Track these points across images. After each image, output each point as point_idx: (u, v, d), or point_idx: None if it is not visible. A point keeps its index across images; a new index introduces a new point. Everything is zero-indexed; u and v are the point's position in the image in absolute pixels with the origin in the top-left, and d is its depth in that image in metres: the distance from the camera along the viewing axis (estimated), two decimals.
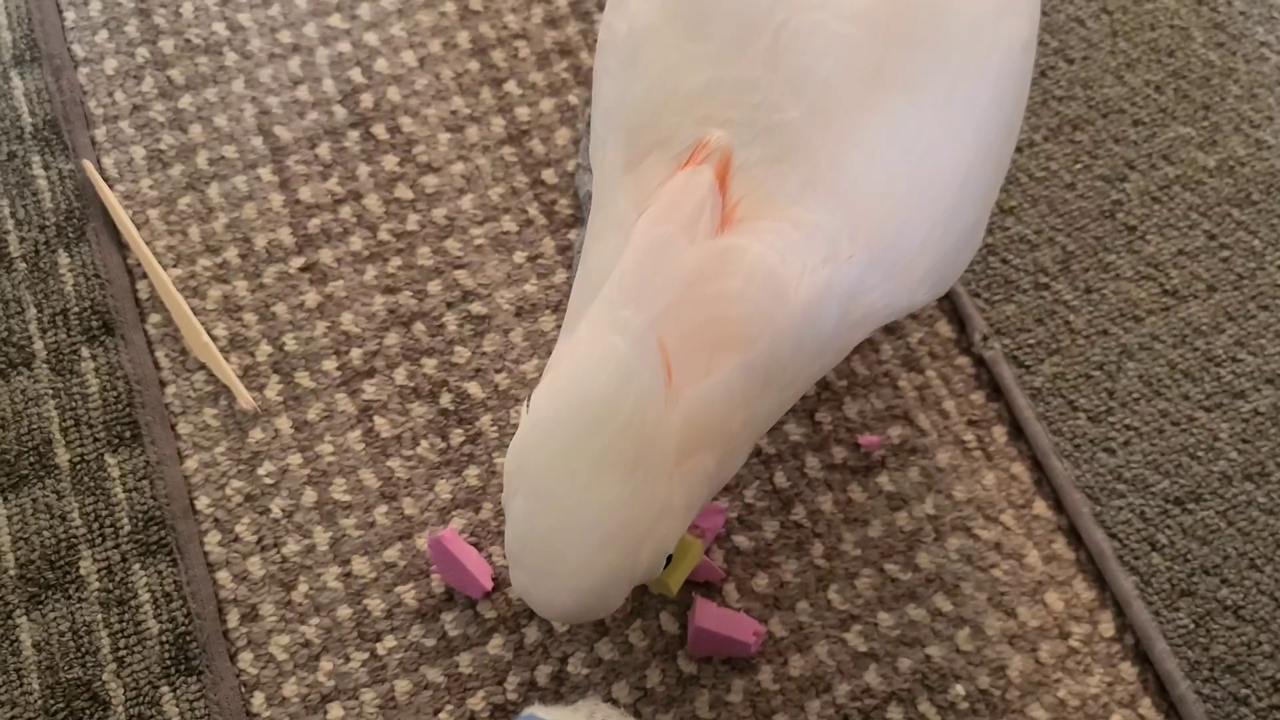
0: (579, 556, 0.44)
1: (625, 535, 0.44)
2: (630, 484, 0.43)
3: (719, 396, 0.44)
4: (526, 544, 0.45)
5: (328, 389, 0.64)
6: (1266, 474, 0.61)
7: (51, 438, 0.63)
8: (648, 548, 0.45)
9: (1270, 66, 0.71)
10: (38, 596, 0.60)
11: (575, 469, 0.44)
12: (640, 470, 0.43)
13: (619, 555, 0.44)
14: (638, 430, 0.43)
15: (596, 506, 0.44)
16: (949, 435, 0.62)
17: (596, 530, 0.44)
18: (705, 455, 0.45)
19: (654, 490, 0.44)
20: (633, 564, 0.45)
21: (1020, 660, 0.57)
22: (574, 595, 0.45)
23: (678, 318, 0.44)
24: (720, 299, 0.44)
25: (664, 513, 0.44)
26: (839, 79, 0.47)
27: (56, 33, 0.73)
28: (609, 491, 0.43)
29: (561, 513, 0.44)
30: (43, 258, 0.67)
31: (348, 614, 0.59)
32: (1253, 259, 0.66)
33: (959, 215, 0.50)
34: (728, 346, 0.44)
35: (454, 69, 0.72)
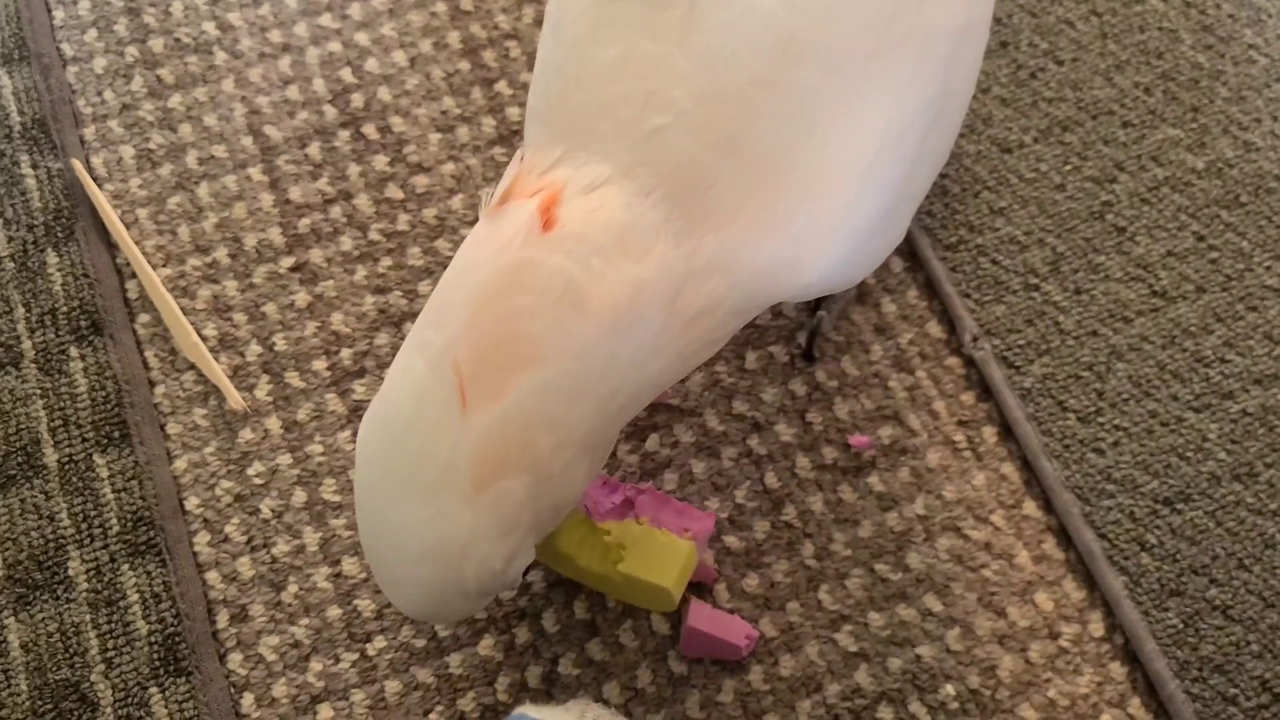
0: (399, 570, 0.45)
1: (438, 553, 0.44)
2: (432, 506, 0.43)
3: (512, 421, 0.43)
4: (366, 549, 0.47)
5: (318, 389, 0.63)
6: (1255, 474, 0.61)
7: (40, 438, 0.63)
8: (469, 566, 0.44)
9: (1258, 69, 0.71)
10: (26, 597, 0.59)
11: (383, 489, 0.44)
12: (440, 493, 0.43)
13: (437, 570, 0.44)
14: (434, 454, 0.43)
15: (402, 527, 0.44)
16: (939, 436, 0.62)
17: (408, 548, 0.44)
18: (510, 481, 0.44)
19: (457, 514, 0.43)
20: (457, 578, 0.45)
21: (1010, 660, 0.57)
22: (409, 603, 0.46)
23: (472, 338, 0.44)
24: (513, 317, 0.44)
25: (474, 536, 0.44)
26: (745, 55, 0.47)
27: (45, 31, 0.73)
28: (412, 512, 0.44)
29: (377, 529, 0.45)
30: (31, 257, 0.67)
31: (338, 614, 0.59)
32: (1241, 260, 0.66)
33: (865, 199, 0.49)
34: (522, 367, 0.43)
35: (445, 69, 0.72)
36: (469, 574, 0.45)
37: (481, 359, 0.43)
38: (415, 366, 0.44)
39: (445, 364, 0.43)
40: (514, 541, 0.45)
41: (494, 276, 0.44)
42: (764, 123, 0.47)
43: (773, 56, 0.47)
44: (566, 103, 0.48)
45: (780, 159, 0.47)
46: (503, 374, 0.43)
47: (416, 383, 0.44)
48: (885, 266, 0.66)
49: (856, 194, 0.48)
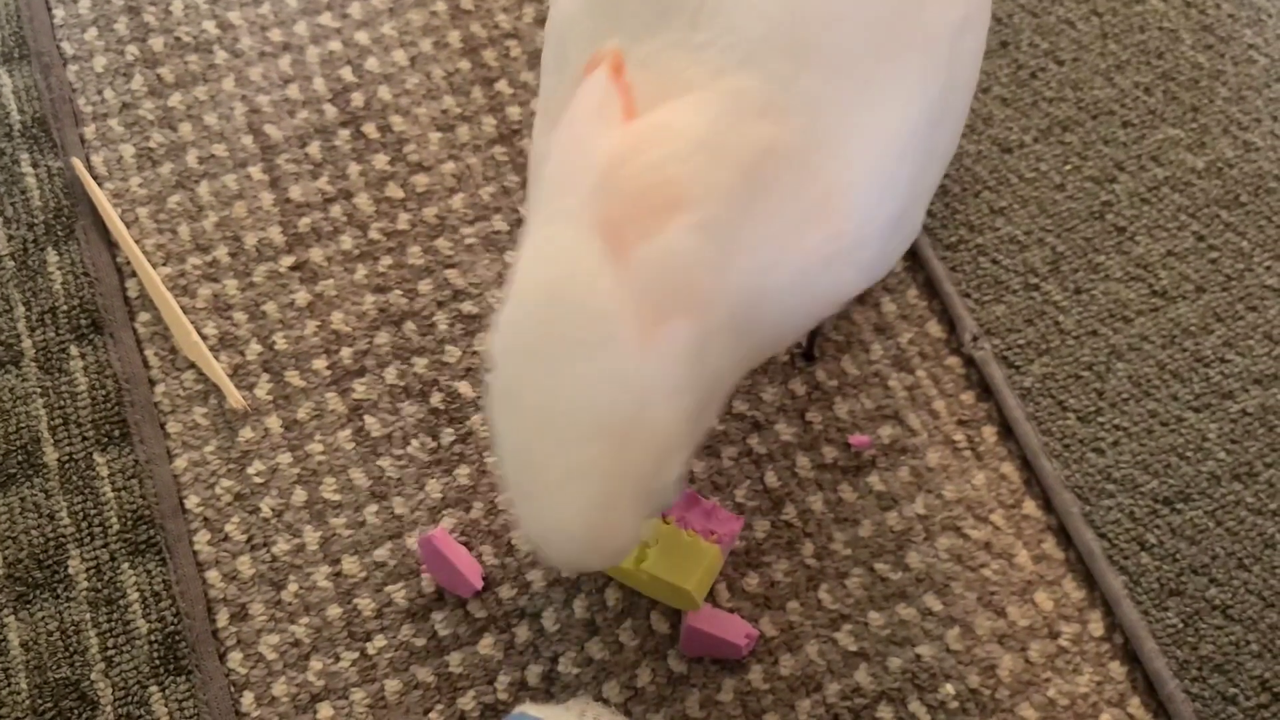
0: (569, 457, 0.42)
1: (610, 420, 0.41)
2: (600, 362, 0.41)
3: (675, 251, 0.42)
4: (517, 464, 0.43)
5: (318, 388, 0.63)
6: (1255, 474, 0.61)
7: (40, 436, 0.63)
8: (640, 438, 0.41)
9: (1258, 69, 0.71)
10: (26, 596, 0.59)
11: (541, 364, 0.42)
12: (607, 348, 0.41)
13: (610, 445, 0.41)
14: (593, 307, 0.41)
15: (571, 395, 0.41)
16: (939, 435, 0.62)
17: (577, 423, 0.41)
18: (678, 324, 0.42)
19: (628, 367, 0.41)
20: (628, 458, 0.42)
21: (1010, 659, 0.57)
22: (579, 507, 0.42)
23: (613, 191, 0.42)
24: (654, 166, 0.42)
25: (649, 390, 0.42)
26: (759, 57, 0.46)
27: (45, 30, 0.73)
28: (579, 373, 0.41)
29: (540, 416, 0.42)
30: (31, 256, 0.67)
31: (338, 613, 0.59)
32: (1241, 260, 0.66)
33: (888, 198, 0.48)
34: (673, 208, 0.42)
35: (445, 68, 0.72)
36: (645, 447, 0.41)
37: (629, 205, 0.42)
38: (552, 233, 0.42)
39: (584, 219, 0.42)
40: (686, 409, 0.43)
41: (623, 133, 0.43)
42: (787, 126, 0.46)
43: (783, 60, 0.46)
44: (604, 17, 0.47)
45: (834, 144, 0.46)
46: (654, 216, 0.42)
47: (563, 244, 0.42)
48: None
49: (877, 196, 0.48)
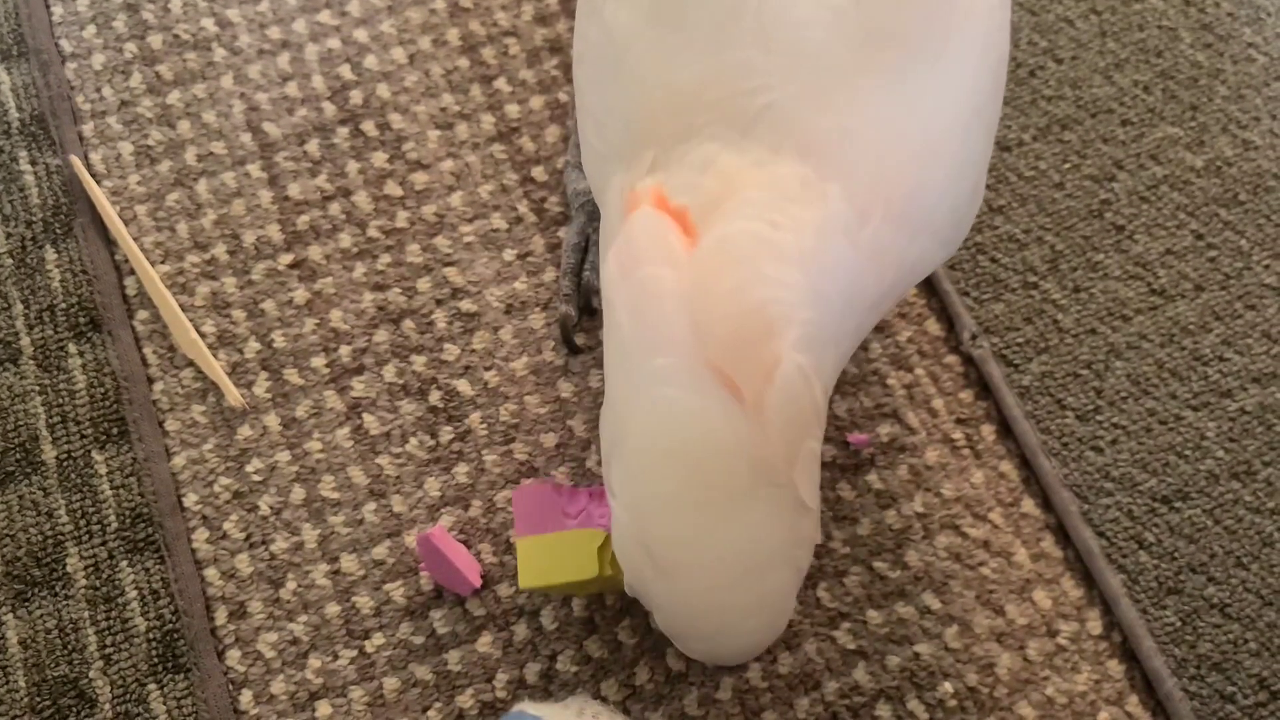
0: (748, 597, 0.43)
1: (781, 548, 0.43)
2: (764, 504, 0.42)
3: (793, 383, 0.41)
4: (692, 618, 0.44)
5: (316, 386, 0.63)
6: (1253, 472, 0.61)
7: (38, 434, 0.63)
8: (801, 551, 0.43)
9: (1257, 67, 0.71)
10: (24, 594, 0.59)
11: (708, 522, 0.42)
12: (767, 489, 0.42)
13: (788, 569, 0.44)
14: (743, 461, 0.41)
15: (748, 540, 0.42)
16: (938, 433, 0.62)
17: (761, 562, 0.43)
18: (810, 441, 0.43)
19: (785, 498, 0.42)
20: (796, 571, 0.44)
21: (1008, 658, 0.57)
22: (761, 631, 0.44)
23: (708, 334, 0.41)
24: (735, 294, 0.42)
25: (801, 512, 0.43)
26: (831, 46, 0.46)
27: (44, 27, 0.73)
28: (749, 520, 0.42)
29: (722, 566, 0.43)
30: (29, 253, 0.67)
31: (336, 611, 0.59)
32: (1240, 259, 0.66)
33: (966, 171, 0.49)
34: (774, 331, 0.41)
35: (444, 66, 0.71)
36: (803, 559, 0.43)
37: (732, 346, 0.41)
38: (666, 395, 0.41)
39: (699, 373, 0.41)
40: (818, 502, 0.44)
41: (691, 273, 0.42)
42: (874, 106, 0.46)
43: (856, 45, 0.46)
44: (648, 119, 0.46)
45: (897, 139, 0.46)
46: (760, 346, 0.41)
47: (686, 406, 0.41)
48: None
49: (959, 168, 0.48)
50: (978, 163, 0.50)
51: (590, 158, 0.51)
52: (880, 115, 0.46)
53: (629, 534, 0.43)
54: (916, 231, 0.47)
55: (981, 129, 0.50)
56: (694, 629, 0.44)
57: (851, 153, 0.45)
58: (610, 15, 0.49)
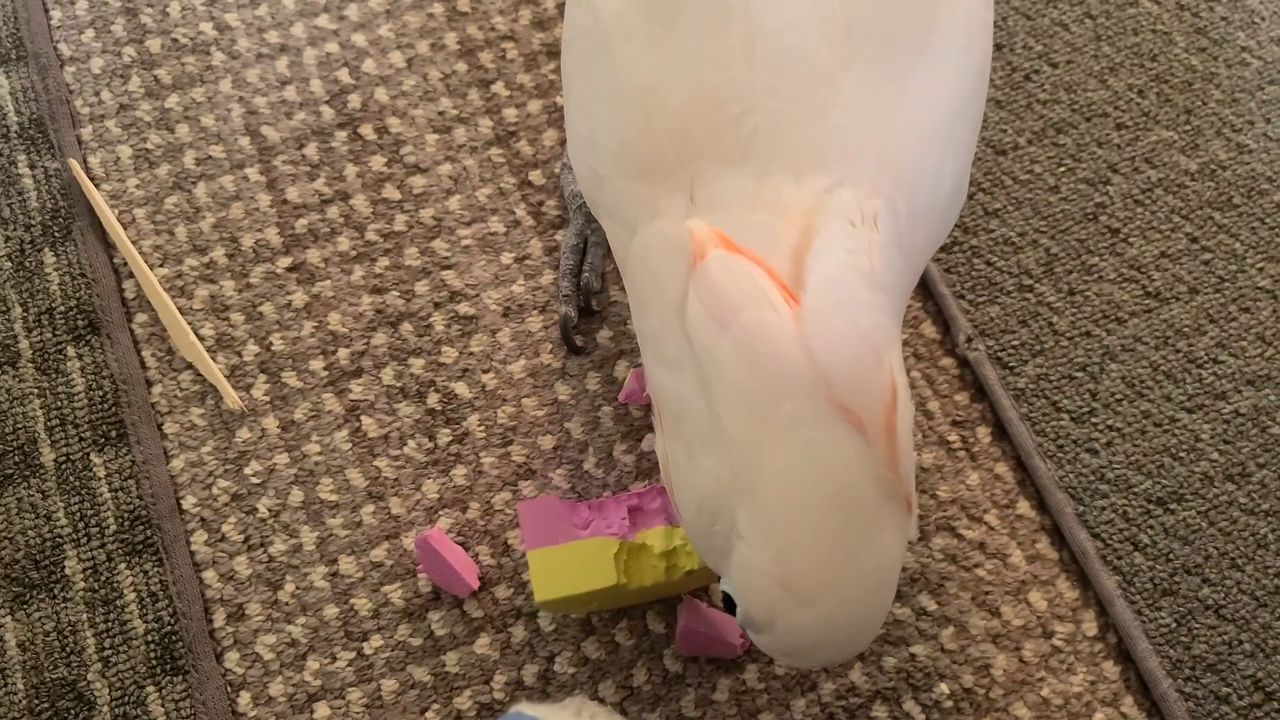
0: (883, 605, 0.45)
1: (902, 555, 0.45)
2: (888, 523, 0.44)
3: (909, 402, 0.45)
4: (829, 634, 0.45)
5: (315, 389, 0.64)
6: (1247, 474, 0.61)
7: (37, 437, 0.63)
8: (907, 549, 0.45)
9: (1251, 71, 0.71)
10: (23, 596, 0.59)
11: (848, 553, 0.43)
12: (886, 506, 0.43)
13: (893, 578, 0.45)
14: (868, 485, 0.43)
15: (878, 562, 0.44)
16: (933, 435, 0.62)
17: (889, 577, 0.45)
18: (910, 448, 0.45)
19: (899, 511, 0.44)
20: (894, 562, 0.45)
21: (1004, 659, 0.58)
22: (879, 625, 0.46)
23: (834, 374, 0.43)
24: (850, 331, 0.43)
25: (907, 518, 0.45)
26: (814, 47, 0.47)
27: (43, 31, 0.73)
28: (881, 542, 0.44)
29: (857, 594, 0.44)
30: (28, 257, 0.67)
31: (334, 613, 0.59)
32: (1234, 261, 0.66)
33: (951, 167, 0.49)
34: (883, 354, 0.44)
35: (442, 70, 0.72)
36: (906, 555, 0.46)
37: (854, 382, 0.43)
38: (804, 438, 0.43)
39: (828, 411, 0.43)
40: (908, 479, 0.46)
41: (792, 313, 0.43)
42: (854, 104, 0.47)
43: (840, 42, 0.47)
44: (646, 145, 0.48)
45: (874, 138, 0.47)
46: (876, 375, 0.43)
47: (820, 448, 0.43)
48: None
49: (938, 164, 0.49)
50: (962, 156, 0.51)
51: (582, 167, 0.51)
52: (872, 108, 0.47)
53: (768, 574, 0.44)
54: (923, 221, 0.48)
55: (966, 123, 0.50)
56: (828, 642, 0.46)
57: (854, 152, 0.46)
58: (601, 1, 0.50)
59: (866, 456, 0.43)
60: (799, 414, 0.43)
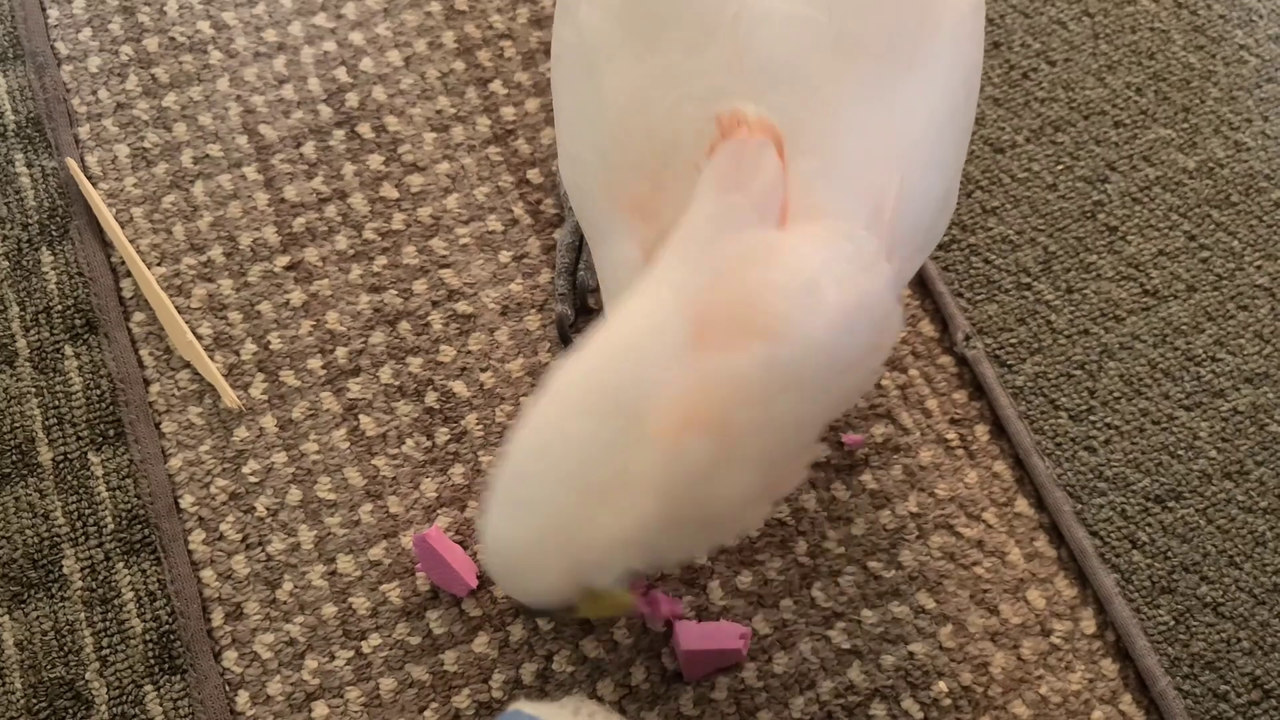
0: (538, 485, 0.43)
1: (590, 480, 0.43)
2: (618, 430, 0.42)
3: (733, 378, 0.43)
4: (510, 461, 0.44)
5: (313, 387, 0.64)
6: (1245, 472, 0.61)
7: (34, 436, 0.63)
8: (604, 513, 0.43)
9: (1249, 69, 0.71)
10: (20, 595, 0.59)
11: (576, 397, 0.43)
12: (633, 421, 0.42)
13: (574, 499, 0.43)
14: (647, 381, 0.42)
15: (578, 438, 0.43)
16: (932, 434, 0.62)
17: (567, 463, 0.43)
18: (700, 440, 0.43)
19: (637, 447, 0.42)
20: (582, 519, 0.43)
21: (1002, 657, 0.58)
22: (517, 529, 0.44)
23: (722, 290, 0.43)
24: (762, 286, 0.44)
25: (636, 481, 0.43)
26: (803, 60, 0.47)
27: (40, 30, 0.73)
28: (595, 428, 0.43)
29: (545, 436, 0.43)
30: (25, 256, 0.67)
31: (332, 612, 0.59)
32: (1232, 259, 0.66)
33: (938, 178, 0.49)
34: (759, 335, 0.43)
35: (439, 68, 0.72)
36: (601, 523, 0.43)
37: (724, 312, 0.43)
38: (663, 297, 0.44)
39: (688, 305, 0.43)
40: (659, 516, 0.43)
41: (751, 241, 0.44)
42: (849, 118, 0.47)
43: (827, 56, 0.47)
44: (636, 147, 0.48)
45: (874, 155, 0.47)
46: (740, 334, 0.43)
47: (660, 311, 0.43)
48: None
49: (933, 176, 0.49)
50: (949, 171, 0.51)
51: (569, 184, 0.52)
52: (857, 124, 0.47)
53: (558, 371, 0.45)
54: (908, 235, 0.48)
55: (953, 137, 0.50)
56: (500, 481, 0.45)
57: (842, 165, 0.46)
58: (584, 17, 0.50)
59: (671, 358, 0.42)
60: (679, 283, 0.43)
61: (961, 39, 0.50)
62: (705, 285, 0.43)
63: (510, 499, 0.44)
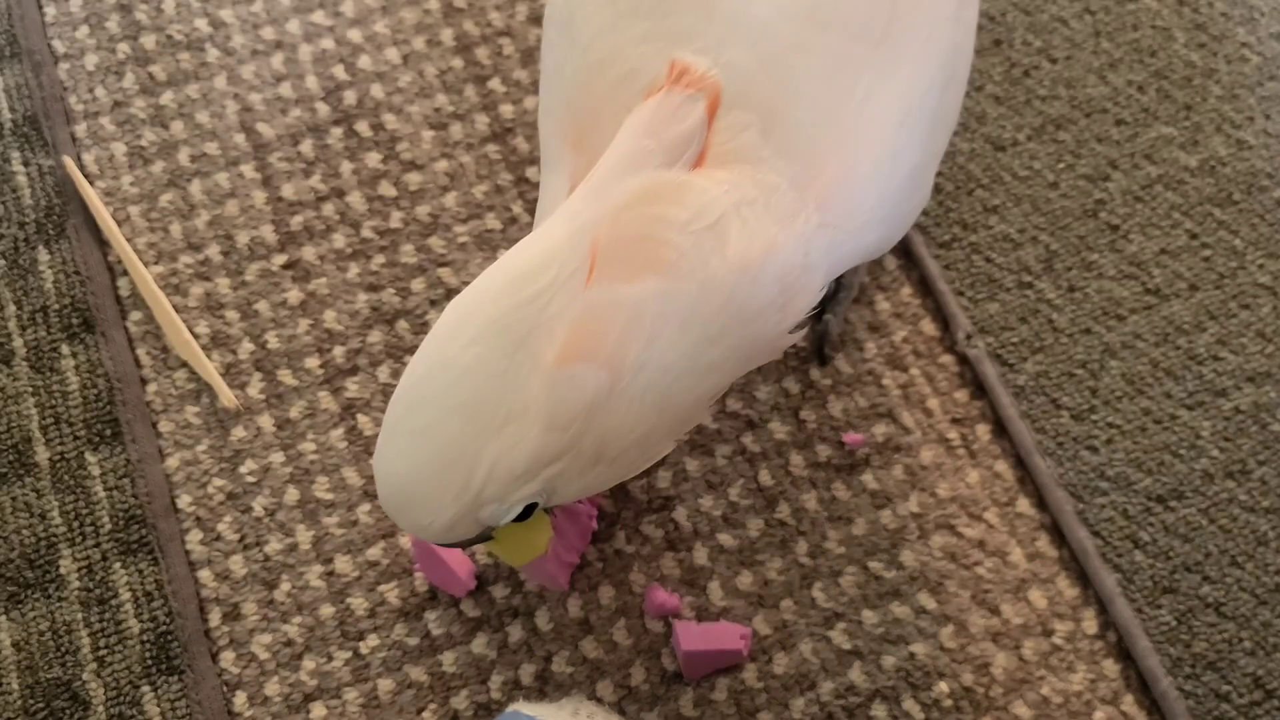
0: (429, 414, 0.43)
1: (480, 409, 0.42)
2: (507, 358, 0.42)
3: (623, 308, 0.43)
4: (401, 391, 0.44)
5: (310, 387, 0.63)
6: (1247, 471, 0.61)
7: (31, 435, 0.62)
8: (495, 444, 0.42)
9: (1251, 67, 0.71)
10: (17, 595, 0.59)
11: (465, 327, 0.43)
12: (522, 350, 0.42)
13: (466, 429, 0.42)
14: (537, 311, 0.42)
15: (467, 367, 0.42)
16: (933, 433, 0.62)
17: (457, 392, 0.43)
18: (590, 369, 0.43)
19: (526, 376, 0.42)
20: (474, 451, 0.43)
21: (1004, 658, 0.57)
22: (411, 460, 0.43)
23: (619, 223, 0.44)
24: (661, 222, 0.44)
25: (525, 411, 0.42)
26: (775, 23, 0.47)
27: (37, 28, 0.72)
28: (484, 356, 0.42)
29: (435, 365, 0.43)
30: (22, 254, 0.67)
31: (330, 613, 0.58)
32: (1234, 258, 0.66)
33: (901, 159, 0.49)
34: (654, 269, 0.43)
35: (438, 66, 0.71)
36: (492, 453, 0.42)
37: (620, 244, 0.43)
38: (555, 231, 0.44)
39: (586, 236, 0.43)
40: (550, 448, 0.43)
41: (658, 179, 0.44)
42: (807, 89, 0.47)
43: (798, 23, 0.47)
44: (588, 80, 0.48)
45: (825, 126, 0.47)
46: (635, 266, 0.43)
47: (551, 243, 0.43)
48: (879, 264, 0.66)
49: (891, 156, 0.49)
50: (915, 157, 0.50)
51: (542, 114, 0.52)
52: (813, 96, 0.47)
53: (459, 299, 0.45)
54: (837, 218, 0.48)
55: (923, 122, 0.50)
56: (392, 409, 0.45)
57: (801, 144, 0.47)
58: None
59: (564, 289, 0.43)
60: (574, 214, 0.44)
61: (939, 21, 0.50)
62: (603, 218, 0.44)
63: (401, 429, 0.44)
